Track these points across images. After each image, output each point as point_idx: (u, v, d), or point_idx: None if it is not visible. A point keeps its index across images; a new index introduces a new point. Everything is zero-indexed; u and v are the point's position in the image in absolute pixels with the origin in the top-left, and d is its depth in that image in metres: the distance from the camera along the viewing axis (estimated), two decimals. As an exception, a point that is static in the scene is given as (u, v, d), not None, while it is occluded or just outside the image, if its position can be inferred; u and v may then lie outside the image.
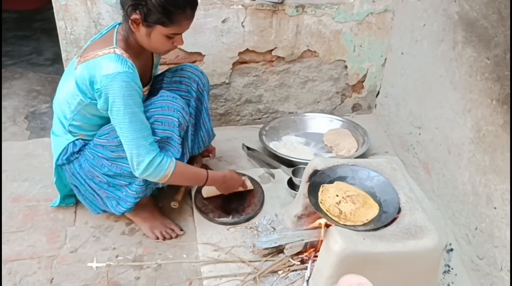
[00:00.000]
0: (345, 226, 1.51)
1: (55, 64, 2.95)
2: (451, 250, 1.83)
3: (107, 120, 1.65)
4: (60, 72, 2.80)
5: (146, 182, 1.70)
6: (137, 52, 1.64)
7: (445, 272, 1.77)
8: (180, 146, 1.67)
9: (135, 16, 1.51)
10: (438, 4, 1.92)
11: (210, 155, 2.14)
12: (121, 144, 1.62)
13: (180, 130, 1.66)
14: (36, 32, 3.35)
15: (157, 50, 1.66)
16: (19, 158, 2.17)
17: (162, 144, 1.65)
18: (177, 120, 1.64)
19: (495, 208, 1.60)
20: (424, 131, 2.09)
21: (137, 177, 1.67)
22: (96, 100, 1.57)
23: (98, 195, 1.76)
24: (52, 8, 2.03)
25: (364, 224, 1.55)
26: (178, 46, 1.67)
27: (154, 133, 1.62)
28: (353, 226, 1.53)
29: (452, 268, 1.78)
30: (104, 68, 1.51)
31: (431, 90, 2.01)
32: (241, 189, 1.96)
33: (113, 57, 1.52)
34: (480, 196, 1.67)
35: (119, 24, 1.64)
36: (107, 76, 1.49)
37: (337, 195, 1.62)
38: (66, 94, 1.64)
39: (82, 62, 1.57)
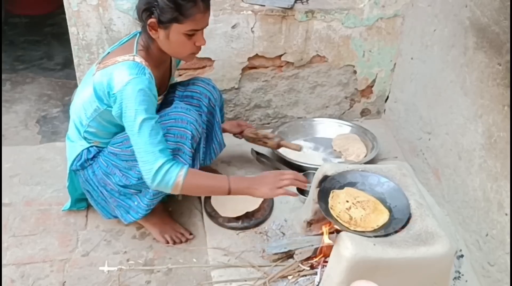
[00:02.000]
0: (355, 232, 1.52)
1: (66, 68, 2.98)
2: (462, 256, 1.83)
3: (122, 128, 1.66)
4: (70, 76, 2.87)
5: (155, 195, 1.71)
6: (157, 63, 1.64)
7: (455, 278, 1.76)
8: (191, 158, 1.67)
9: (151, 20, 1.51)
10: (449, 9, 1.92)
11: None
12: (134, 154, 1.63)
13: (192, 142, 1.66)
14: (46, 37, 3.38)
15: (180, 54, 1.64)
16: (31, 162, 2.19)
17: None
18: (190, 132, 1.64)
19: (506, 214, 1.59)
20: (434, 137, 2.08)
21: (147, 188, 1.69)
22: (111, 107, 1.58)
23: (109, 202, 1.77)
24: (62, 13, 2.05)
25: (374, 230, 1.55)
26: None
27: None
28: (363, 232, 1.53)
29: (462, 275, 1.77)
30: (122, 73, 1.50)
31: (442, 96, 2.00)
32: (282, 191, 1.60)
33: (132, 64, 1.53)
34: (492, 203, 1.67)
35: (140, 33, 1.64)
36: (123, 81, 1.49)
37: (347, 201, 1.62)
38: (83, 100, 1.64)
39: (101, 69, 1.57)
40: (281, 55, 2.31)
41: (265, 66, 2.34)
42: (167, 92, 1.86)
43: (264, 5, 2.17)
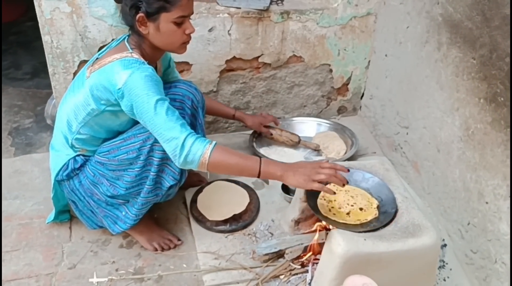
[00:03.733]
0: (345, 226, 1.54)
1: (36, 78, 2.91)
2: (445, 245, 1.88)
3: (113, 134, 1.64)
4: (41, 86, 2.81)
5: (144, 205, 1.70)
6: (149, 62, 1.60)
7: (440, 267, 1.81)
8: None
9: (139, 15, 1.51)
10: (421, 6, 1.97)
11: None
12: (121, 163, 1.61)
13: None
14: (12, 45, 3.27)
15: (172, 45, 1.61)
16: (8, 176, 2.12)
17: (162, 166, 1.64)
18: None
19: (487, 203, 1.65)
20: (411, 131, 2.14)
21: (135, 198, 1.68)
22: (110, 106, 1.55)
23: (97, 212, 1.74)
24: (27, 20, 1.99)
25: (362, 224, 1.57)
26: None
27: (155, 152, 1.61)
28: (354, 225, 1.56)
29: (446, 263, 1.83)
30: (123, 67, 1.48)
31: (417, 91, 2.06)
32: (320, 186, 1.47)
33: (131, 59, 1.51)
34: (472, 192, 1.73)
35: (128, 36, 1.62)
36: (126, 73, 1.47)
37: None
38: (75, 105, 1.61)
39: (97, 69, 1.54)
40: (258, 56, 2.32)
41: (242, 68, 2.34)
42: None
43: (239, 7, 2.17)
